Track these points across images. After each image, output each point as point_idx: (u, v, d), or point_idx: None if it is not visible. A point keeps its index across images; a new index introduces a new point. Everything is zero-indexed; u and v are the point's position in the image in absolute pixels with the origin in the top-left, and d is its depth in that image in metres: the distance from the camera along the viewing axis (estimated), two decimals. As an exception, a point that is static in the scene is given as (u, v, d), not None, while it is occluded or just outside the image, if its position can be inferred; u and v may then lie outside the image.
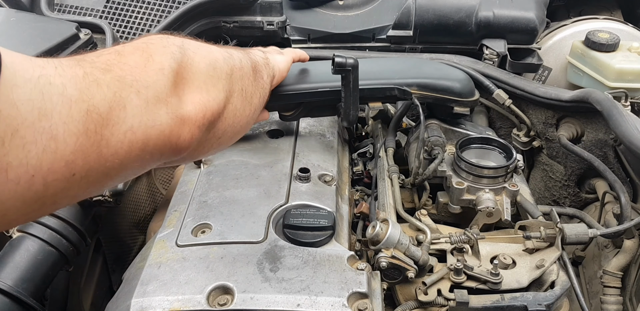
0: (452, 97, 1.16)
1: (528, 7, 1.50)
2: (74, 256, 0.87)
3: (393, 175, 1.14)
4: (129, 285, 0.85)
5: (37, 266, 0.80)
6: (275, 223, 0.92)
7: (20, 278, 0.78)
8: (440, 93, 1.15)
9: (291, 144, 1.13)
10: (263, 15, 1.55)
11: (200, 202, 0.98)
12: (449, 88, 1.16)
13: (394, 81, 1.12)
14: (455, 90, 1.16)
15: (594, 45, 1.45)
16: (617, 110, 1.13)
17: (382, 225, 0.91)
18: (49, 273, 0.83)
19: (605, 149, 1.29)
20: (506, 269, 0.96)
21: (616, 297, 1.13)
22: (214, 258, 0.84)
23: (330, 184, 1.04)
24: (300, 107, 1.12)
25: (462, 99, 1.17)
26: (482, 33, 1.51)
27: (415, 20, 1.52)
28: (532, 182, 1.58)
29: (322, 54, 1.47)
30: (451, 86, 1.16)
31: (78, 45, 1.42)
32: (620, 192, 1.17)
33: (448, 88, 1.16)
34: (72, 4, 1.64)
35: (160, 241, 0.91)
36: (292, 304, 0.76)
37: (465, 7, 1.49)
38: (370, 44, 1.57)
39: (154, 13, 1.61)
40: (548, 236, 0.98)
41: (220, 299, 0.78)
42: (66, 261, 0.86)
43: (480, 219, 1.03)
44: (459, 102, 1.17)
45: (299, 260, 0.84)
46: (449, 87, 1.16)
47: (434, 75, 1.17)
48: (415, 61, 1.31)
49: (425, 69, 1.20)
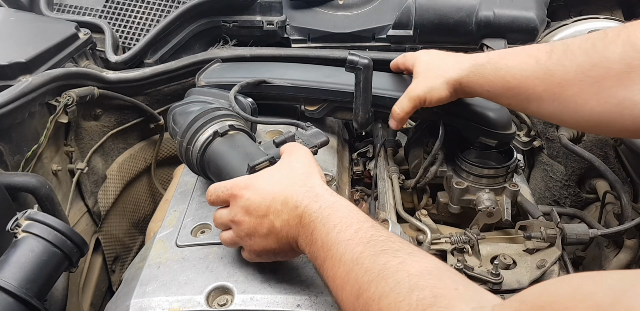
0: (481, 126, 1.04)
1: (528, 6, 1.50)
2: (78, 257, 0.87)
3: (393, 175, 1.14)
4: (128, 285, 0.85)
5: (42, 266, 0.81)
6: (275, 223, 0.92)
7: (24, 279, 0.78)
8: (470, 119, 1.05)
9: (291, 144, 1.13)
10: (263, 15, 1.54)
11: (200, 202, 0.98)
12: (481, 116, 1.04)
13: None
14: (486, 119, 1.04)
15: (595, 44, 1.45)
16: (618, 110, 1.13)
17: (382, 225, 0.90)
18: (53, 274, 0.83)
19: (606, 149, 1.29)
20: (507, 269, 0.96)
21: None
22: (214, 258, 0.84)
23: (330, 184, 1.04)
24: (323, 104, 1.16)
25: (493, 130, 1.04)
26: (483, 32, 1.50)
27: (415, 19, 1.51)
28: (532, 182, 1.58)
29: (322, 54, 1.47)
30: (482, 114, 1.04)
31: (77, 45, 1.42)
32: (620, 192, 1.17)
33: (479, 115, 1.05)
34: (71, 4, 1.64)
35: (159, 241, 0.91)
36: (292, 304, 0.76)
37: (466, 7, 1.48)
38: (371, 44, 1.57)
39: (153, 13, 1.60)
40: (549, 236, 0.98)
41: (220, 299, 0.78)
42: (70, 262, 0.86)
43: (481, 220, 1.03)
44: (488, 134, 1.04)
45: (298, 260, 0.84)
46: (481, 114, 1.04)
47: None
48: None
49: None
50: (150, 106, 1.54)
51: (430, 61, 1.00)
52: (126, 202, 1.68)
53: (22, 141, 1.19)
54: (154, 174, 1.73)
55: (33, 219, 0.83)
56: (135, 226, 1.74)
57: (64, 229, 0.84)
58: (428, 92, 0.95)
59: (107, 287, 1.58)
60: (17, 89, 1.14)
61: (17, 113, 1.14)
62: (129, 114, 1.54)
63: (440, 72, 0.96)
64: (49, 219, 0.84)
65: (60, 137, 1.36)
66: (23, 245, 0.81)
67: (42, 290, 0.81)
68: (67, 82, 1.29)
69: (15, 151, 1.17)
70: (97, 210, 1.50)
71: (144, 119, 1.57)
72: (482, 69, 0.90)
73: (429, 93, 0.95)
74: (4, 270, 0.78)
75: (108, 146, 1.55)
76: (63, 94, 1.28)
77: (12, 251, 0.81)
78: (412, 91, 0.97)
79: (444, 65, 0.96)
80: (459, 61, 0.95)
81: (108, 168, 1.56)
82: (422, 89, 0.96)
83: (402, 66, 1.10)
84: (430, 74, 0.97)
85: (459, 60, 0.96)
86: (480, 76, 0.90)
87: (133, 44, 1.58)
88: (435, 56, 1.01)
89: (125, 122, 1.55)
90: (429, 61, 1.00)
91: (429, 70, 0.98)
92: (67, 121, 1.31)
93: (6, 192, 1.00)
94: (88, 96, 1.34)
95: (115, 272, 1.61)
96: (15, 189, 1.06)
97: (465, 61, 0.94)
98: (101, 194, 1.51)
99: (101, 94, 1.38)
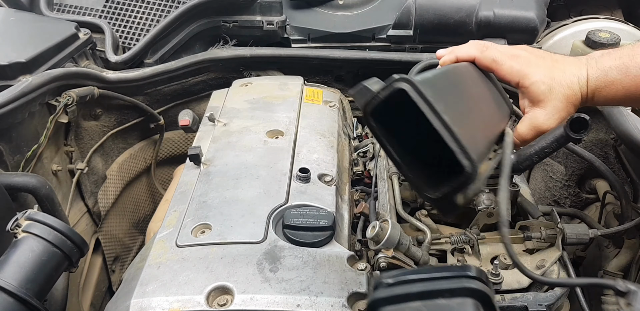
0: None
1: (528, 6, 1.50)
2: (78, 257, 0.87)
3: (393, 175, 1.14)
4: (128, 285, 0.85)
5: (42, 267, 0.81)
6: (275, 223, 0.92)
7: (25, 279, 0.78)
8: None
9: (291, 144, 1.13)
10: (263, 15, 1.54)
11: (200, 202, 0.98)
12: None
13: None
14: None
15: (595, 44, 1.45)
16: (618, 110, 1.13)
17: (382, 225, 0.91)
18: (53, 274, 0.83)
19: (606, 149, 1.29)
20: (506, 269, 0.96)
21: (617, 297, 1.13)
22: (214, 259, 0.84)
23: (330, 184, 1.04)
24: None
25: None
26: (483, 33, 1.50)
27: (415, 19, 1.51)
28: (532, 182, 1.58)
29: (322, 54, 1.47)
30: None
31: (77, 45, 1.42)
32: (620, 192, 1.17)
33: None
34: (71, 4, 1.64)
35: (159, 241, 0.91)
36: (292, 304, 0.76)
37: (466, 7, 1.48)
38: (370, 44, 1.57)
39: (153, 13, 1.60)
40: (548, 236, 0.98)
41: (220, 299, 0.78)
42: (70, 262, 0.86)
43: (481, 220, 1.03)
44: None
45: (298, 260, 0.84)
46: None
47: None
48: None
49: None
50: (150, 106, 1.54)
51: (547, 76, 0.79)
52: (126, 202, 1.68)
53: (22, 141, 1.19)
54: (154, 174, 1.73)
55: (33, 219, 0.84)
56: (135, 226, 1.74)
57: (64, 229, 0.84)
58: (560, 121, 0.80)
59: (107, 287, 1.58)
60: (17, 89, 1.14)
61: (17, 113, 1.14)
62: (129, 114, 1.54)
63: (565, 91, 0.78)
64: (49, 219, 0.84)
65: (60, 137, 1.36)
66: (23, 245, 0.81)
67: (42, 290, 0.81)
68: (67, 82, 1.29)
69: (15, 151, 1.17)
70: (97, 210, 1.50)
71: (144, 119, 1.57)
72: (611, 75, 0.76)
73: (559, 121, 0.80)
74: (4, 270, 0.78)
75: (108, 146, 1.55)
76: (63, 94, 1.28)
77: (12, 251, 0.81)
78: (538, 120, 0.79)
79: (564, 79, 0.78)
80: (576, 70, 0.78)
81: (108, 168, 1.56)
82: (554, 121, 0.79)
83: (488, 67, 0.84)
84: (557, 98, 0.78)
85: (574, 68, 0.79)
86: (610, 83, 0.76)
87: (133, 44, 1.58)
88: (549, 66, 0.80)
89: (125, 122, 1.55)
90: (545, 77, 0.79)
91: (553, 91, 0.78)
92: (67, 121, 1.31)
93: (6, 192, 1.00)
94: (88, 96, 1.34)
95: (115, 272, 1.61)
96: (15, 189, 1.06)
97: (584, 67, 0.78)
98: (101, 194, 1.51)
99: (101, 94, 1.38)
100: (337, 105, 1.32)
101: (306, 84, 1.39)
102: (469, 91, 0.77)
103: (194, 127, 1.30)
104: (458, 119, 0.61)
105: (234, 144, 1.13)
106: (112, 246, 1.60)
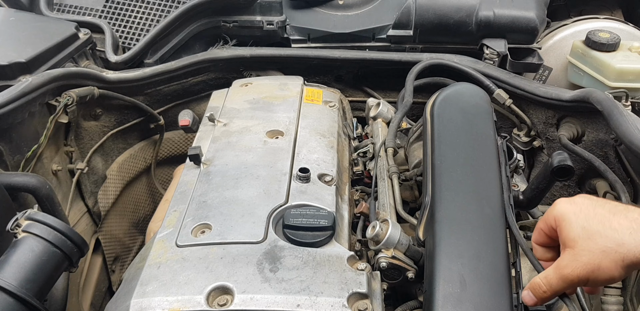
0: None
1: (528, 6, 1.50)
2: (78, 257, 0.87)
3: (393, 175, 1.14)
4: (128, 285, 0.85)
5: (42, 267, 0.81)
6: (275, 223, 0.92)
7: (25, 279, 0.78)
8: None
9: (291, 144, 1.13)
10: (263, 15, 1.54)
11: (200, 202, 0.98)
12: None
13: None
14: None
15: (595, 45, 1.45)
16: (618, 110, 1.13)
17: (382, 225, 0.91)
18: (53, 274, 0.83)
19: (606, 149, 1.29)
20: (507, 269, 0.96)
21: (616, 297, 1.13)
22: (214, 259, 0.84)
23: (330, 184, 1.04)
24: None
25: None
26: (483, 33, 1.50)
27: (415, 19, 1.51)
28: (532, 182, 1.58)
29: (322, 54, 1.47)
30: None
31: (77, 45, 1.42)
32: (621, 192, 1.17)
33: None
34: (71, 4, 1.64)
35: (159, 241, 0.90)
36: (292, 304, 0.76)
37: (466, 7, 1.48)
38: (370, 44, 1.57)
39: (153, 13, 1.60)
40: (549, 236, 0.98)
41: (220, 299, 0.78)
42: (70, 262, 0.86)
43: (481, 220, 1.03)
44: None
45: (298, 260, 0.84)
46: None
47: None
48: None
49: None
50: (150, 106, 1.54)
51: (587, 222, 0.70)
52: (126, 202, 1.68)
53: (22, 141, 1.19)
54: (154, 174, 1.73)
55: (33, 219, 0.83)
56: (135, 226, 1.74)
57: (64, 229, 0.84)
58: (592, 272, 0.68)
59: (107, 287, 1.58)
60: (17, 89, 1.14)
61: (17, 113, 1.14)
62: (129, 114, 1.54)
63: (610, 244, 0.67)
64: (49, 219, 0.84)
65: (60, 137, 1.36)
66: (23, 245, 0.81)
67: (42, 290, 0.81)
68: (67, 82, 1.29)
69: (15, 151, 1.17)
70: (97, 210, 1.50)
71: (144, 119, 1.57)
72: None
73: (592, 274, 0.68)
74: (4, 270, 0.78)
75: (108, 146, 1.55)
76: (63, 94, 1.28)
77: (12, 251, 0.81)
78: (568, 268, 0.69)
79: (612, 231, 0.67)
80: (633, 224, 0.67)
81: (108, 168, 1.56)
82: (584, 268, 0.68)
83: (547, 230, 0.76)
84: (594, 246, 0.68)
85: (632, 222, 0.67)
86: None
87: (133, 44, 1.58)
88: (592, 214, 0.70)
89: (125, 122, 1.55)
90: (585, 222, 0.70)
91: (590, 238, 0.68)
92: (67, 121, 1.31)
93: (6, 192, 1.00)
94: (88, 96, 1.34)
95: (115, 272, 1.61)
96: (15, 189, 1.06)
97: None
98: (101, 194, 1.51)
99: (101, 94, 1.38)
100: (337, 105, 1.32)
101: (306, 84, 1.39)
102: None
103: (194, 127, 1.30)
104: None
105: (234, 144, 1.13)
106: (112, 246, 1.60)
